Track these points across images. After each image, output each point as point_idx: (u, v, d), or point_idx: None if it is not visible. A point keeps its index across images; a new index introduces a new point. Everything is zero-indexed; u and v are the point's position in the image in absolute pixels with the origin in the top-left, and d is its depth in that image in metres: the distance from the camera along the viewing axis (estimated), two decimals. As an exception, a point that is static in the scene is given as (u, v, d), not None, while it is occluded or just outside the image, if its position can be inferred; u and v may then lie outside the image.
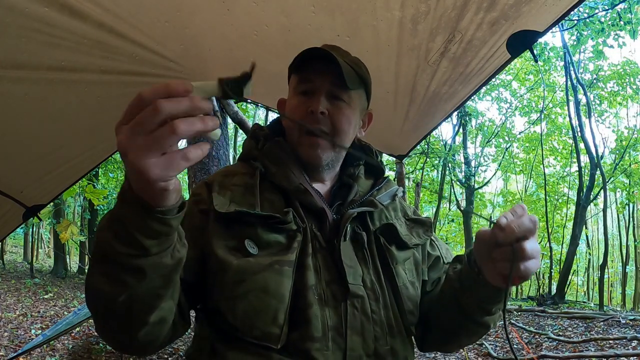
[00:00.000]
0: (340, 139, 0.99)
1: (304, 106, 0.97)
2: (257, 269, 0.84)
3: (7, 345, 5.65)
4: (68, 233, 5.31)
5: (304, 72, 0.99)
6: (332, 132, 0.98)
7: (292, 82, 1.03)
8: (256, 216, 0.88)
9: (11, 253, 18.03)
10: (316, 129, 0.96)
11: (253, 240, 0.87)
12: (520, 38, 1.37)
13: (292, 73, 1.04)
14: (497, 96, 16.23)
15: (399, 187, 1.09)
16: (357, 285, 0.90)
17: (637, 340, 6.02)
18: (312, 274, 0.87)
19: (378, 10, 1.35)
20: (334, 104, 0.98)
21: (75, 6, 1.25)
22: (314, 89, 0.98)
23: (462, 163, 16.00)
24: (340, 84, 0.96)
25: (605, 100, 14.19)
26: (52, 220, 11.64)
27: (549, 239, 14.61)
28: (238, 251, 0.86)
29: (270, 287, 0.83)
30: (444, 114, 1.88)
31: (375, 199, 1.01)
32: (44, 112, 1.65)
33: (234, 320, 0.83)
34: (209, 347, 0.89)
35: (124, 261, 0.65)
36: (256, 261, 0.85)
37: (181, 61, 1.66)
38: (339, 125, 0.98)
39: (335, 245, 0.92)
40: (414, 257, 1.02)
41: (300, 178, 0.97)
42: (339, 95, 0.98)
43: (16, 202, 2.04)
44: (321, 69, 0.97)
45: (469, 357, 5.96)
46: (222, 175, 0.99)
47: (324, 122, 0.96)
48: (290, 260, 0.86)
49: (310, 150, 0.98)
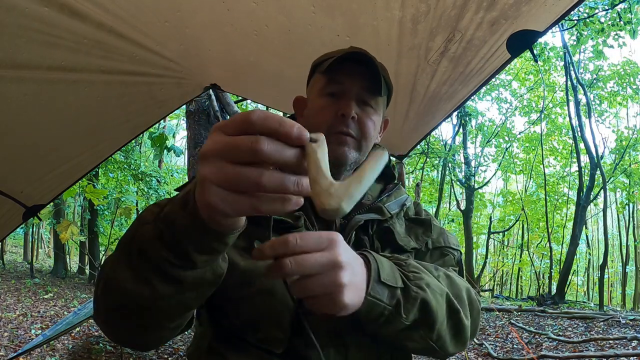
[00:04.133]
0: (366, 144, 0.98)
1: (333, 108, 0.95)
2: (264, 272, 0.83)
3: (7, 345, 5.65)
4: (68, 233, 5.31)
5: (334, 74, 0.95)
6: (360, 137, 0.97)
7: (317, 82, 1.00)
8: (267, 219, 0.85)
9: (11, 253, 18.02)
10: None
11: (262, 241, 0.85)
12: (520, 38, 1.37)
13: (318, 73, 1.01)
14: (497, 96, 16.24)
15: (408, 196, 1.08)
16: None
17: (637, 340, 6.02)
18: None
19: (378, 10, 1.35)
20: (363, 109, 0.97)
21: (75, 6, 1.25)
22: (343, 92, 0.96)
23: (462, 163, 16.00)
24: (371, 89, 0.96)
25: (605, 100, 14.19)
26: (52, 220, 11.63)
27: (549, 239, 14.61)
28: (246, 252, 0.84)
29: (277, 290, 0.81)
30: (444, 113, 1.88)
31: (383, 206, 0.99)
32: (43, 112, 1.65)
33: (237, 321, 0.83)
34: (207, 346, 0.89)
35: (164, 267, 0.60)
36: (264, 263, 0.83)
37: (181, 61, 1.66)
38: (367, 130, 0.97)
39: None
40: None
41: None
42: (367, 101, 0.97)
43: (16, 202, 2.04)
44: (352, 71, 0.95)
45: (468, 357, 5.96)
46: None
47: (352, 126, 0.95)
48: None
49: (338, 147, 0.95)
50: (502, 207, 20.32)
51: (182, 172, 16.39)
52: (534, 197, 18.04)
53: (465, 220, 15.24)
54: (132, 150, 12.06)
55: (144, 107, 1.85)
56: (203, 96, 3.87)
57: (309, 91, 1.04)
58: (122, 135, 2.03)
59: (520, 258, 18.58)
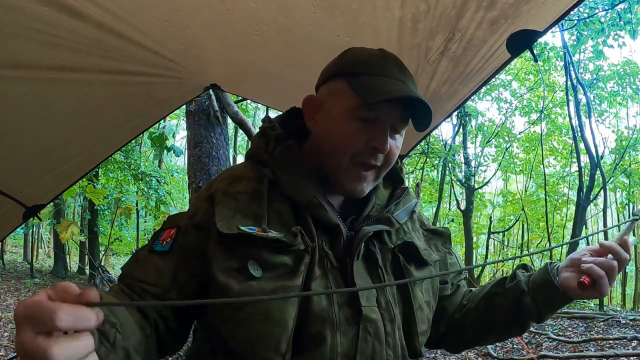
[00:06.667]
0: (386, 171, 0.94)
1: (363, 137, 0.86)
2: (259, 296, 0.79)
3: (7, 346, 5.65)
4: (68, 233, 5.30)
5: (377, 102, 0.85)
6: (383, 166, 0.91)
7: (344, 96, 0.88)
8: (262, 239, 0.81)
9: (11, 253, 18.01)
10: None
11: (257, 261, 0.81)
12: (520, 37, 1.37)
13: (347, 83, 0.89)
14: (497, 96, 16.23)
15: (417, 200, 1.04)
16: (370, 308, 0.85)
17: (637, 340, 6.01)
18: (320, 299, 0.81)
19: (378, 9, 1.35)
20: (393, 137, 0.90)
21: (75, 6, 1.25)
22: (378, 120, 0.87)
23: (462, 163, 16.00)
24: (405, 118, 0.89)
25: (605, 100, 14.19)
26: (52, 220, 11.63)
27: (549, 239, 14.60)
28: (240, 273, 0.81)
29: (274, 314, 0.78)
30: (444, 113, 1.88)
31: (392, 216, 0.94)
32: (43, 112, 1.64)
33: (234, 345, 0.81)
34: (208, 349, 0.88)
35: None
36: (259, 286, 0.79)
37: (181, 61, 1.66)
38: (392, 159, 0.92)
39: (348, 265, 0.86)
40: (431, 274, 0.98)
41: (314, 190, 0.89)
42: (399, 129, 0.91)
43: (16, 202, 2.04)
44: (390, 102, 0.85)
45: (469, 357, 5.95)
46: (227, 183, 0.91)
47: (380, 158, 0.89)
48: (296, 285, 0.80)
49: (357, 183, 0.90)
50: (502, 207, 20.31)
51: (182, 172, 16.38)
52: (534, 197, 18.04)
53: (465, 220, 15.23)
54: (132, 150, 12.06)
55: (144, 107, 1.84)
56: (203, 96, 3.87)
57: (329, 96, 0.93)
58: (122, 135, 2.03)
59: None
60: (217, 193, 0.89)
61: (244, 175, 0.92)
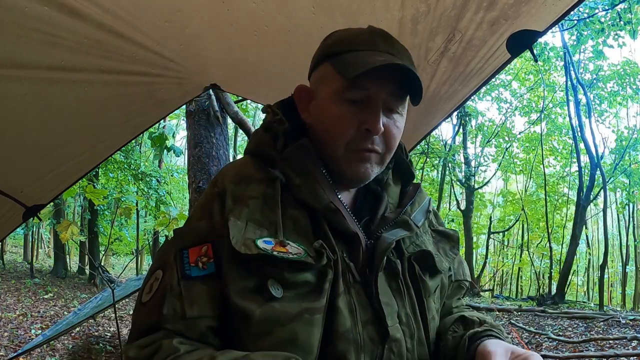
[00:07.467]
0: (390, 156, 0.86)
1: (355, 120, 0.79)
2: (284, 320, 0.72)
3: (7, 345, 5.65)
4: (68, 233, 5.29)
5: (358, 78, 0.77)
6: (385, 151, 0.83)
7: (331, 79, 0.82)
8: (283, 259, 0.73)
9: (11, 253, 18.02)
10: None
11: (277, 280, 0.74)
12: (520, 38, 1.37)
13: (332, 66, 0.82)
14: (497, 96, 16.24)
15: (429, 197, 0.97)
16: (395, 327, 0.80)
17: (637, 340, 6.02)
18: (345, 318, 0.76)
19: (378, 10, 1.35)
20: (389, 117, 0.82)
21: (75, 6, 1.25)
22: (368, 99, 0.79)
23: (462, 163, 16.01)
24: (400, 94, 0.82)
25: (605, 100, 14.20)
26: (52, 220, 11.64)
27: (549, 239, 14.61)
28: (259, 293, 0.73)
29: (300, 339, 0.72)
30: (444, 113, 1.88)
31: (410, 219, 0.87)
32: (44, 112, 1.65)
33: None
34: None
35: None
36: (282, 308, 0.73)
37: (181, 61, 1.66)
38: (393, 143, 0.83)
39: (370, 279, 0.80)
40: (441, 282, 0.93)
41: (330, 194, 0.81)
42: (395, 108, 0.82)
43: (16, 202, 2.04)
44: (379, 74, 0.78)
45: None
46: (234, 183, 0.82)
47: (378, 141, 0.81)
48: (322, 306, 0.74)
49: (360, 165, 0.82)
50: (502, 207, 20.32)
51: (182, 172, 16.39)
52: (534, 197, 18.05)
53: (465, 220, 15.25)
54: (132, 150, 12.07)
55: (144, 107, 1.84)
56: (203, 96, 3.87)
57: (317, 83, 0.86)
58: (122, 135, 2.03)
59: (520, 258, 18.58)
60: (227, 196, 0.80)
61: (252, 176, 0.83)
